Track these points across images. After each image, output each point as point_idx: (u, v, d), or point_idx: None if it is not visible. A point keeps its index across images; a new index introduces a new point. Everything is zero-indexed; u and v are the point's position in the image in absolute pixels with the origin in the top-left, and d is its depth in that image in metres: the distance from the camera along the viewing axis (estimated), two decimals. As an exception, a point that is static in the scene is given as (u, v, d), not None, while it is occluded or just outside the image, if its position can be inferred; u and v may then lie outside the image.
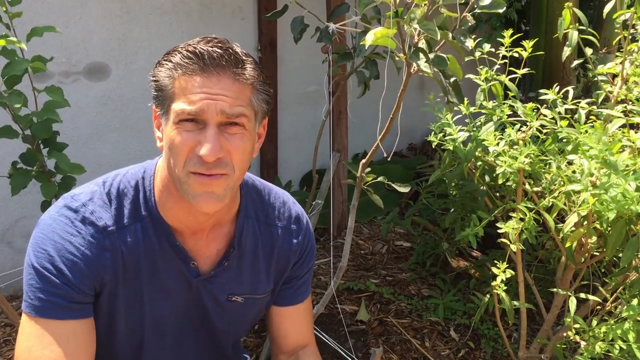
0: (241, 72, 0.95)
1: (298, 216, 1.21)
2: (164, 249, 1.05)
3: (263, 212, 1.17)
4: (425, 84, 4.35)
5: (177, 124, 0.94)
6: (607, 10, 1.63)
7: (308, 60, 3.41)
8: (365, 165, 1.60)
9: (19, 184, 1.59)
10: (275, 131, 3.46)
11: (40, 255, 0.97)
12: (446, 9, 1.31)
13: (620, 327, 1.40)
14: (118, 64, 2.72)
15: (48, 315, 0.97)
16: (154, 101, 1.00)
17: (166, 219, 1.04)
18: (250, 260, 1.15)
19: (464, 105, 1.70)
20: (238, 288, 1.14)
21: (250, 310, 1.18)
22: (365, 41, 1.17)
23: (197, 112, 0.92)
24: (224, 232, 1.11)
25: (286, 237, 1.18)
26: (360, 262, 2.99)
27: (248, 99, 0.97)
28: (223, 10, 3.11)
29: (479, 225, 1.59)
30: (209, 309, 1.14)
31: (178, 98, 0.94)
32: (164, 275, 1.07)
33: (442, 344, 2.34)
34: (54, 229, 0.99)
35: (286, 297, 1.23)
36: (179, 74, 0.94)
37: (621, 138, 1.43)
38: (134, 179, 1.06)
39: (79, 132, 2.64)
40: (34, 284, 0.97)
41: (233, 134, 0.95)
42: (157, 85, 0.97)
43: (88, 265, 0.98)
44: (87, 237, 0.99)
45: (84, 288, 0.99)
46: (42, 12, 2.43)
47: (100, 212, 1.01)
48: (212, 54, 0.92)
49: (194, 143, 0.93)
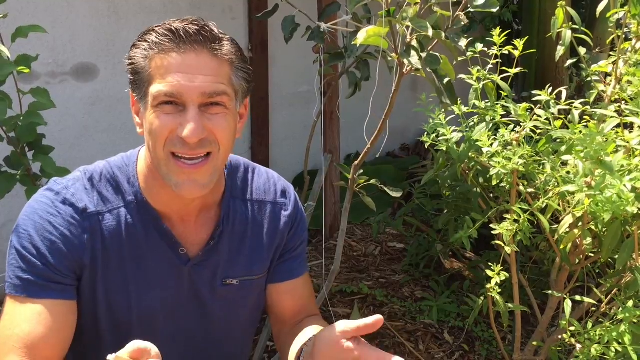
0: (219, 48, 0.94)
1: (284, 189, 1.20)
2: (150, 236, 1.03)
3: (249, 190, 1.15)
4: (418, 84, 4.34)
5: (155, 107, 0.92)
6: (600, 9, 1.61)
7: (299, 60, 3.38)
8: (357, 167, 1.58)
9: (3, 188, 1.56)
10: (266, 132, 3.44)
11: (21, 236, 0.98)
12: (439, 8, 1.29)
13: (615, 329, 1.38)
14: (106, 64, 2.69)
15: (25, 294, 0.96)
16: (131, 86, 0.98)
17: (153, 204, 1.03)
18: (240, 240, 1.12)
19: (457, 105, 1.68)
20: (232, 270, 1.12)
21: (248, 293, 1.15)
22: (357, 40, 1.15)
23: (175, 94, 0.91)
24: (211, 216, 1.10)
25: (276, 212, 1.17)
26: (353, 264, 2.97)
27: (228, 77, 0.95)
28: (213, 10, 3.08)
29: (473, 227, 1.57)
30: (204, 298, 1.10)
31: (155, 80, 0.92)
32: (151, 264, 1.05)
33: (436, 346, 2.32)
34: (35, 210, 0.99)
35: (282, 271, 1.20)
36: (154, 52, 0.92)
37: (615, 138, 1.41)
38: (117, 166, 1.05)
39: (66, 133, 2.60)
40: (14, 264, 0.98)
41: (215, 113, 0.94)
42: (133, 68, 0.95)
43: (67, 246, 0.98)
44: (67, 218, 0.99)
45: (62, 269, 0.98)
46: (28, 11, 2.39)
47: (81, 194, 1.01)
48: (188, 31, 0.91)
49: (175, 125, 0.92)
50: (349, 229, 3.33)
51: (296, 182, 3.67)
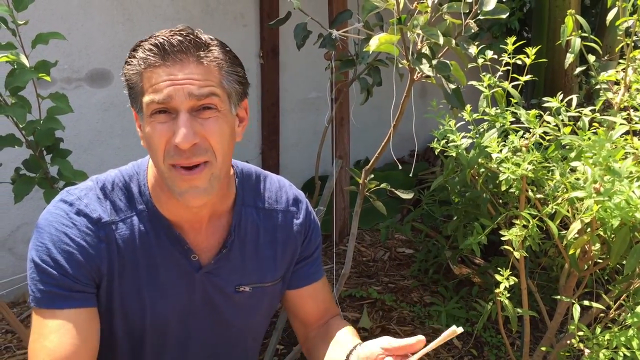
0: (205, 55, 0.95)
1: (296, 197, 1.21)
2: (162, 244, 1.05)
3: (261, 198, 1.16)
4: (427, 90, 4.35)
5: (150, 117, 0.95)
6: (610, 18, 1.63)
7: (310, 66, 3.41)
8: (368, 172, 1.60)
9: (22, 191, 1.58)
10: (277, 137, 3.47)
11: (38, 249, 0.99)
12: (449, 16, 1.31)
13: (624, 334, 1.39)
14: (120, 70, 2.72)
15: (48, 306, 0.97)
16: (130, 100, 1.01)
17: (163, 212, 1.05)
18: (253, 248, 1.14)
19: (467, 111, 1.70)
20: (244, 278, 1.13)
21: (261, 300, 1.17)
22: (369, 47, 1.17)
23: (165, 100, 0.92)
24: (222, 223, 1.11)
25: (288, 220, 1.18)
26: (362, 269, 2.98)
27: (217, 81, 0.96)
28: (225, 17, 3.12)
29: (482, 233, 1.58)
30: (217, 304, 1.12)
31: (146, 91, 0.94)
32: (164, 272, 1.06)
33: (445, 351, 2.32)
34: (50, 222, 1.00)
35: (302, 277, 1.22)
36: (143, 68, 0.95)
37: (624, 145, 1.42)
38: (128, 175, 1.07)
39: (80, 138, 2.64)
40: (35, 277, 0.99)
41: (207, 118, 0.95)
42: (128, 84, 0.99)
43: (84, 256, 0.99)
44: (82, 229, 1.00)
45: (82, 278, 0.99)
46: (45, 18, 2.44)
47: (94, 205, 1.02)
48: (171, 42, 0.93)
49: (169, 133, 0.93)
50: (358, 235, 3.34)
51: (306, 187, 3.69)
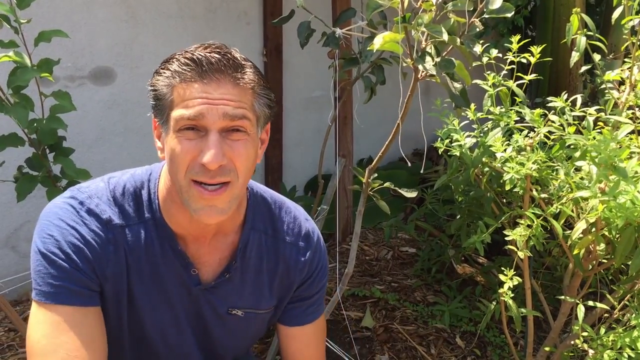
0: (241, 77, 0.93)
1: (308, 233, 1.17)
2: (165, 254, 1.04)
3: (272, 225, 1.14)
4: (431, 89, 4.34)
5: (177, 132, 0.92)
6: (615, 16, 1.61)
7: (314, 65, 3.41)
8: (372, 171, 1.59)
9: (25, 189, 1.58)
10: (280, 136, 3.46)
11: (46, 241, 0.96)
12: (454, 15, 1.30)
13: (628, 335, 1.38)
14: (123, 68, 2.73)
15: (60, 301, 0.95)
16: (153, 110, 0.98)
17: (169, 223, 1.03)
18: (254, 273, 1.12)
19: (471, 110, 1.69)
20: (239, 301, 1.12)
21: (251, 324, 1.16)
22: (373, 45, 1.17)
23: (196, 117, 0.90)
24: (227, 241, 1.09)
25: (292, 254, 1.15)
26: (365, 268, 2.97)
27: (250, 103, 0.95)
28: (228, 15, 3.11)
29: (486, 232, 1.58)
30: (207, 320, 1.11)
31: (177, 106, 0.92)
32: (166, 281, 1.06)
33: (448, 351, 2.32)
34: (59, 216, 0.98)
35: (294, 316, 1.20)
36: (177, 81, 0.92)
37: (629, 144, 1.41)
38: (140, 180, 1.05)
39: (84, 136, 2.64)
40: (42, 270, 0.96)
41: (236, 140, 0.93)
42: (156, 95, 0.95)
43: (92, 254, 0.98)
44: (92, 227, 0.98)
45: (90, 274, 0.97)
46: (48, 16, 2.44)
47: (104, 206, 1.01)
48: (210, 60, 0.91)
49: (196, 151, 0.91)
50: (362, 234, 3.34)
51: (309, 185, 3.69)
